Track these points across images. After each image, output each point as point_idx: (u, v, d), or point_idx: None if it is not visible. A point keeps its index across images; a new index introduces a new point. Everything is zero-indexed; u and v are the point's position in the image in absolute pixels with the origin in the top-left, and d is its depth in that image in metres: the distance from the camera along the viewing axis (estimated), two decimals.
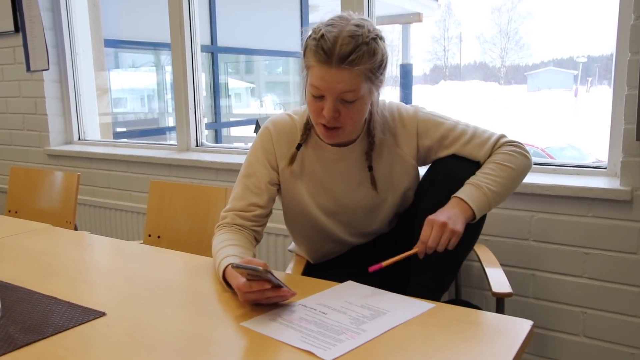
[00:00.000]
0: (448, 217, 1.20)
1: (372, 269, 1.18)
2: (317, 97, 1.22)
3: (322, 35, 1.18)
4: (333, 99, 1.20)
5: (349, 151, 1.37)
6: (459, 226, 1.19)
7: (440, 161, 1.37)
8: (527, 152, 1.35)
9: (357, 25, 1.19)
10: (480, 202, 1.24)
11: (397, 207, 1.44)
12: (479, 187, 1.26)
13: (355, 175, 1.38)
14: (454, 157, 1.36)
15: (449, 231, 1.18)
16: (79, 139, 3.19)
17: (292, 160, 1.37)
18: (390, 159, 1.38)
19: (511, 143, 1.35)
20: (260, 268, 0.98)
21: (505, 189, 1.29)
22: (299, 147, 1.36)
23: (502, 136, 1.36)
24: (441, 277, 1.35)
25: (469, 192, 1.25)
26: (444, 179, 1.32)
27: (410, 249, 1.24)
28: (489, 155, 1.34)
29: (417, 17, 6.68)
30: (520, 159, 1.32)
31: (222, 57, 5.81)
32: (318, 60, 1.18)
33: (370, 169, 1.36)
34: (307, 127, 1.37)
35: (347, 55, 1.15)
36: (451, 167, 1.33)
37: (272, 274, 1.00)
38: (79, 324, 1.00)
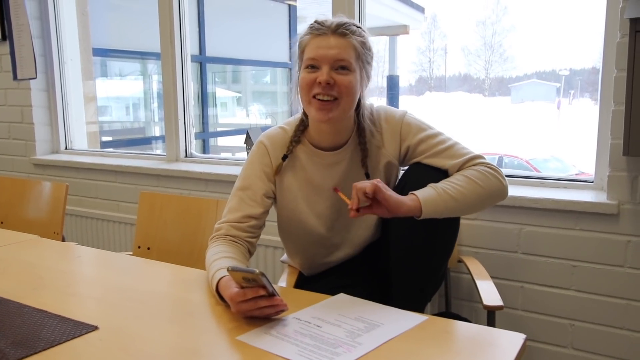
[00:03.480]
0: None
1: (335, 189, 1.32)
2: (312, 70, 1.30)
3: (317, 19, 1.33)
4: (328, 67, 1.28)
5: (343, 153, 1.40)
6: (385, 190, 1.19)
7: (409, 171, 1.39)
8: (502, 177, 1.32)
9: (346, 18, 1.35)
10: (430, 198, 1.23)
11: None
12: (434, 187, 1.26)
13: (353, 176, 1.40)
14: (424, 167, 1.36)
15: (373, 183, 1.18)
16: (66, 148, 3.16)
17: (277, 170, 1.39)
18: (377, 159, 1.42)
19: (487, 164, 1.32)
20: (256, 270, 0.99)
21: (465, 199, 1.26)
22: (284, 157, 1.40)
23: (480, 156, 1.34)
24: (421, 288, 1.36)
25: (424, 189, 1.26)
26: (411, 189, 1.32)
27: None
28: (458, 169, 1.32)
29: (403, 29, 6.74)
30: (492, 181, 1.30)
31: (209, 67, 5.81)
32: (315, 32, 1.30)
33: (367, 175, 1.40)
34: (298, 134, 1.40)
35: (340, 26, 1.30)
36: (420, 177, 1.32)
37: (267, 279, 1.00)
38: (71, 338, 0.99)
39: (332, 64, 1.27)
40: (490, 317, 1.45)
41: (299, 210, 1.42)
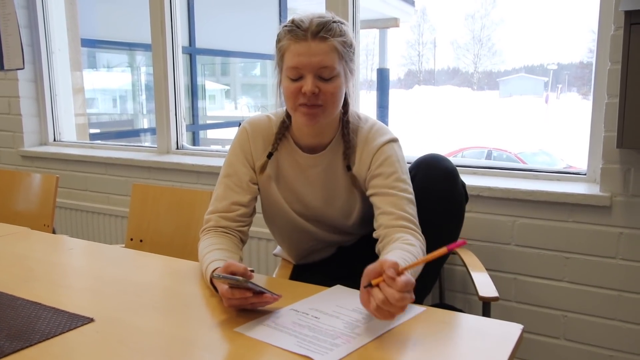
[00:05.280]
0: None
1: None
2: (295, 79, 1.25)
3: (294, 20, 1.25)
4: (312, 75, 1.23)
5: (321, 157, 1.37)
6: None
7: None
8: (423, 239, 1.26)
9: (324, 13, 1.28)
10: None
11: (367, 207, 1.43)
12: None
13: (328, 181, 1.38)
14: (427, 159, 1.34)
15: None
16: (54, 140, 3.12)
17: (263, 168, 1.37)
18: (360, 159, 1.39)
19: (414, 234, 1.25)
20: (240, 279, 0.98)
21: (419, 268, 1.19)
22: (270, 155, 1.37)
23: (412, 227, 1.26)
24: (422, 281, 1.36)
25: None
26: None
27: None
28: (388, 223, 1.26)
29: (394, 22, 6.74)
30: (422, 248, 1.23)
31: (198, 59, 5.76)
32: (294, 36, 1.23)
33: (349, 168, 1.35)
34: (282, 131, 1.37)
35: (320, 29, 1.22)
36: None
37: (252, 283, 1.00)
38: (67, 331, 0.98)
39: (316, 71, 1.23)
40: (486, 308, 1.46)
41: (280, 204, 1.41)
